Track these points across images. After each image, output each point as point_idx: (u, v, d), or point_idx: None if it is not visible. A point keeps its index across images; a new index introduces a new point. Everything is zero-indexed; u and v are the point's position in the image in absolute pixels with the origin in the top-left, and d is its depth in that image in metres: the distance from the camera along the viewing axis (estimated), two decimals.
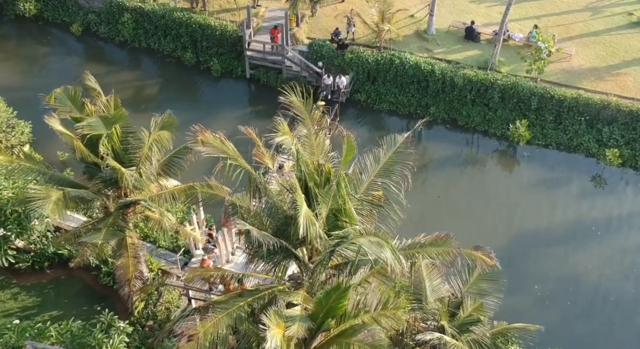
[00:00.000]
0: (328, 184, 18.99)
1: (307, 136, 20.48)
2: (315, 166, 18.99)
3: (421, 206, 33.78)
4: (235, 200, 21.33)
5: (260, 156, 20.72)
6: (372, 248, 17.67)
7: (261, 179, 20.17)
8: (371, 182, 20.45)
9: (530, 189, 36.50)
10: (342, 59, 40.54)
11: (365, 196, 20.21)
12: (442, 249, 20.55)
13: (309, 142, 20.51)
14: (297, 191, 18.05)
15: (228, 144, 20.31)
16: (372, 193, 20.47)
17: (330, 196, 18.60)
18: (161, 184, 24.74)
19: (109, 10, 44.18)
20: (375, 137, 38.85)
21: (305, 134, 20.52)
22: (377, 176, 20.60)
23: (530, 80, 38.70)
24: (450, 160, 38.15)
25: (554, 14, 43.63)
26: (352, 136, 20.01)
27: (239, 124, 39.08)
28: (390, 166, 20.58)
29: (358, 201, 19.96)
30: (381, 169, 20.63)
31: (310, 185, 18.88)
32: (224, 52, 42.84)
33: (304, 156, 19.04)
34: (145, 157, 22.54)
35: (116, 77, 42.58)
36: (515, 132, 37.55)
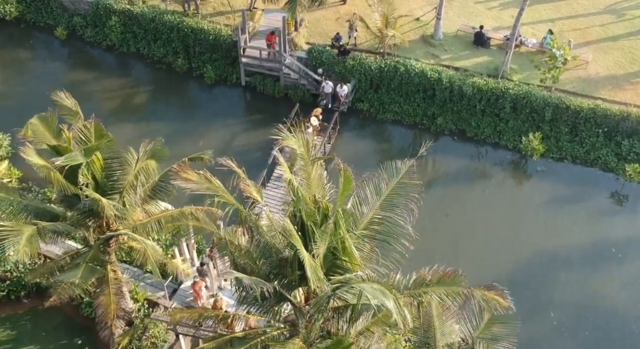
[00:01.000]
0: (326, 221, 17.76)
1: (303, 169, 19.17)
2: (312, 202, 17.75)
3: (429, 224, 32.63)
4: (225, 235, 20.13)
5: (247, 189, 19.44)
6: (375, 294, 16.53)
7: (251, 217, 18.89)
8: (373, 216, 19.19)
9: (544, 207, 35.29)
10: (344, 66, 39.36)
11: (367, 232, 18.98)
12: (450, 289, 19.30)
13: (306, 177, 19.24)
14: (293, 237, 16.74)
15: (214, 180, 18.97)
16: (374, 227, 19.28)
17: (327, 234, 17.38)
18: (147, 209, 23.55)
19: (96, 13, 43.00)
20: (378, 149, 38.46)
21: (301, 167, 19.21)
22: (380, 209, 19.36)
23: (544, 90, 37.48)
24: (459, 174, 36.96)
25: (570, 17, 42.30)
26: (349, 169, 18.69)
27: (234, 135, 38.95)
28: (394, 199, 19.35)
29: (358, 237, 18.76)
30: (384, 202, 19.36)
31: (307, 223, 17.66)
32: (218, 58, 41.67)
33: (302, 193, 17.77)
34: (130, 185, 21.29)
35: (103, 84, 41.52)
36: (528, 145, 36.34)
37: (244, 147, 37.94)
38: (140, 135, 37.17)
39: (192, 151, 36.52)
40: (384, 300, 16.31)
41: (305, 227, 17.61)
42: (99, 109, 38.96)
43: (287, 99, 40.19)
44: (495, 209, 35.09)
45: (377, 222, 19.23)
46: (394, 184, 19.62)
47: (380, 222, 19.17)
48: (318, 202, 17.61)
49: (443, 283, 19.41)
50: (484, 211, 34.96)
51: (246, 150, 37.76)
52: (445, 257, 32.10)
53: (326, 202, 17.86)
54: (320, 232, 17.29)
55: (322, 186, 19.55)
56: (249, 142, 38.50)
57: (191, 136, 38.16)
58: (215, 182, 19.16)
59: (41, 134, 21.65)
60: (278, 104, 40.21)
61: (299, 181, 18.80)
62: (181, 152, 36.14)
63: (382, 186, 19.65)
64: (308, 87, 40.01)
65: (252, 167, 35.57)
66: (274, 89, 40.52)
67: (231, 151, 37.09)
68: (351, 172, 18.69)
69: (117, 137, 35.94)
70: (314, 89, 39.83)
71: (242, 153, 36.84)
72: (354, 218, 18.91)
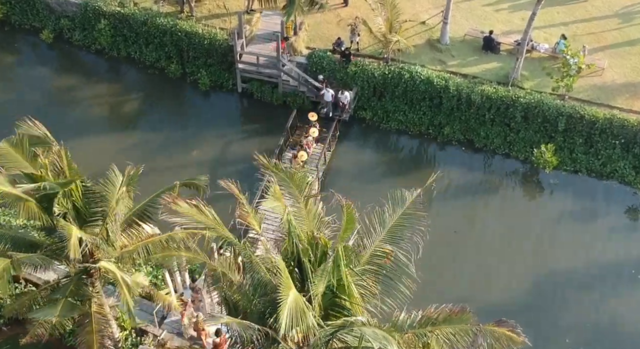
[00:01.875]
0: (325, 258, 16.80)
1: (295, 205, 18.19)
2: (309, 238, 16.78)
3: (436, 243, 31.56)
4: (219, 266, 19.20)
5: (245, 217, 18.49)
6: (377, 338, 15.66)
7: (246, 251, 17.89)
8: (375, 250, 18.27)
9: (558, 223, 34.40)
10: (345, 72, 38.39)
11: (369, 268, 18.05)
12: (458, 327, 18.32)
13: (299, 212, 18.27)
14: (283, 275, 15.77)
15: (206, 211, 18.00)
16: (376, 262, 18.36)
17: (327, 272, 16.42)
18: (135, 233, 22.57)
19: (84, 15, 42.05)
20: (382, 160, 37.51)
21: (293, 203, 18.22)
22: (383, 242, 18.43)
23: (557, 98, 36.49)
24: (467, 187, 36.05)
25: (584, 20, 41.29)
26: (352, 204, 17.72)
27: (229, 144, 38.01)
28: (398, 231, 18.39)
29: (359, 274, 17.84)
30: (388, 234, 18.44)
31: (303, 260, 16.70)
32: (213, 63, 40.76)
33: (296, 229, 16.79)
34: (113, 212, 20.33)
35: (91, 90, 40.65)
36: (540, 158, 35.36)
37: (241, 157, 36.94)
38: (131, 145, 36.97)
39: (185, 161, 36.45)
40: (387, 344, 15.49)
41: (302, 265, 16.64)
42: (87, 116, 38.61)
43: (285, 107, 39.30)
44: (505, 225, 34.19)
45: (380, 257, 18.25)
46: (398, 215, 18.53)
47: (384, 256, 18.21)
48: (316, 238, 16.60)
49: (450, 322, 18.44)
50: (493, 227, 34.12)
51: (243, 160, 36.55)
52: (454, 279, 31.60)
53: (325, 238, 16.85)
54: (319, 271, 16.31)
55: (319, 219, 18.50)
56: (245, 151, 37.05)
57: (184, 146, 37.42)
58: (208, 213, 18.17)
59: (13, 159, 20.57)
60: (276, 111, 39.33)
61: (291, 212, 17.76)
62: (174, 163, 36.09)
63: (386, 217, 18.58)
64: (308, 95, 39.12)
65: (249, 178, 34.79)
66: (272, 96, 39.62)
67: (227, 161, 36.76)
68: (354, 208, 17.59)
69: (106, 147, 36.30)
70: (314, 96, 38.92)
71: (238, 163, 36.37)
72: (355, 252, 17.92)
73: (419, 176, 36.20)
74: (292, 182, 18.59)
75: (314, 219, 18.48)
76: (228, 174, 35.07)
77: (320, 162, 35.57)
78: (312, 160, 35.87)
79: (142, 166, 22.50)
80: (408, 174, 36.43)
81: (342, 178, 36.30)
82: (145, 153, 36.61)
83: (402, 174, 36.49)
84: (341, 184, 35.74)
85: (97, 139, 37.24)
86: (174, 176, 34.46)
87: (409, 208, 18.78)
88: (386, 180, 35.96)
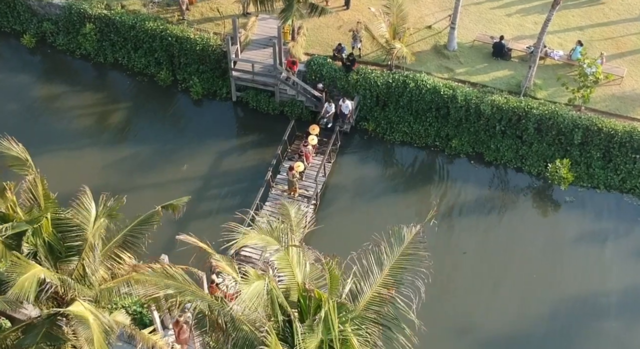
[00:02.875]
0: (319, 310, 15.62)
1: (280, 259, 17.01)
2: (300, 290, 15.59)
3: (445, 264, 31.19)
4: (204, 307, 17.98)
5: (220, 266, 17.32)
6: None
7: (225, 311, 16.62)
8: (373, 295, 17.14)
9: (575, 243, 33.19)
10: (347, 80, 37.19)
11: (366, 315, 16.91)
12: None
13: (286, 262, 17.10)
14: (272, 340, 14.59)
15: (177, 273, 16.78)
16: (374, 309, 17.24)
17: (319, 329, 15.24)
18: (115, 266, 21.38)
19: (68, 19, 40.93)
20: (385, 175, 36.31)
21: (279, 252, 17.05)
22: (382, 286, 17.31)
23: (573, 109, 35.27)
24: (476, 205, 34.88)
25: (601, 24, 40.00)
26: (334, 261, 16.57)
27: (223, 157, 36.85)
28: (398, 274, 17.35)
29: (357, 324, 16.70)
30: (386, 277, 17.33)
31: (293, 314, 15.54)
32: (206, 69, 39.65)
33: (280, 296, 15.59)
34: (89, 247, 19.21)
35: (76, 98, 39.59)
36: (555, 174, 34.14)
37: (234, 170, 36.32)
38: (117, 159, 36.06)
39: (175, 176, 35.45)
40: None
41: (292, 324, 15.49)
42: (71, 128, 37.67)
43: (283, 117, 38.30)
44: (518, 246, 33.04)
45: (378, 303, 17.11)
46: (397, 256, 17.43)
47: (382, 302, 17.06)
48: (309, 291, 15.41)
49: None
50: (505, 248, 32.96)
51: (237, 173, 36.15)
52: (465, 304, 30.46)
53: (318, 291, 15.65)
54: (308, 327, 15.13)
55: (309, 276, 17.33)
56: (240, 165, 36.75)
57: (175, 159, 36.44)
58: (178, 275, 16.93)
59: None
60: (273, 122, 38.33)
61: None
62: (163, 179, 35.16)
63: (384, 258, 17.49)
64: (307, 104, 37.91)
65: (243, 193, 34.16)
66: (268, 105, 38.49)
67: (220, 175, 35.84)
68: (336, 263, 16.49)
69: (91, 161, 35.30)
70: (313, 106, 37.77)
71: (231, 177, 35.71)
72: (351, 301, 16.77)
73: (424, 192, 35.31)
74: (272, 236, 17.29)
75: (304, 266, 17.21)
76: (221, 189, 34.97)
77: (319, 176, 34.34)
78: (311, 173, 34.79)
79: (124, 197, 21.08)
80: (413, 190, 35.50)
81: (342, 194, 35.22)
82: (132, 167, 35.74)
83: (406, 189, 35.51)
84: (341, 201, 34.87)
85: (81, 152, 36.32)
86: (163, 193, 33.95)
87: (408, 248, 17.50)
88: (389, 196, 35.03)
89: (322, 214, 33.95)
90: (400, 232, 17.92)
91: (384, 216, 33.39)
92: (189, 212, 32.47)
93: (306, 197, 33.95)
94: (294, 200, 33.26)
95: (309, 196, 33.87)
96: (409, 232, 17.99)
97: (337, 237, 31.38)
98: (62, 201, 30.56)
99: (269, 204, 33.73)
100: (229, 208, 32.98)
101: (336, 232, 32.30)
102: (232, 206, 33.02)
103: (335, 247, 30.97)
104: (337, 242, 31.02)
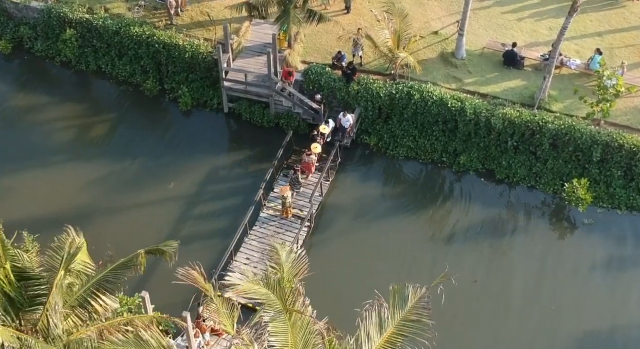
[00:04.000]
0: None
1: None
2: None
3: (454, 295, 28.87)
4: None
5: (216, 315, 15.89)
6: None
7: None
8: None
9: (594, 271, 31.69)
10: (347, 91, 35.67)
11: None
12: None
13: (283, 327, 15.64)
14: None
15: (151, 334, 15.27)
16: None
17: None
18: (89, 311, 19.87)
19: (47, 23, 39.49)
20: (389, 194, 34.78)
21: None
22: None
23: (592, 124, 33.83)
24: (486, 227, 33.38)
25: (621, 29, 38.54)
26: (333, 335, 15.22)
27: (213, 173, 35.30)
28: (398, 341, 15.80)
29: None
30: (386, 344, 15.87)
31: None
32: (196, 79, 38.21)
33: None
34: (51, 300, 17.72)
35: (55, 109, 38.13)
36: (572, 195, 32.63)
37: (225, 188, 34.98)
38: (98, 178, 34.93)
39: (160, 195, 34.22)
40: None
41: None
42: (49, 142, 36.46)
43: (279, 130, 36.94)
44: (532, 274, 31.62)
45: None
46: (398, 320, 16.00)
47: None
48: None
49: None
50: (519, 276, 31.52)
51: (228, 192, 34.81)
52: (475, 341, 28.94)
53: None
54: None
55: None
56: (231, 182, 35.50)
57: (161, 176, 35.05)
58: (154, 341, 15.40)
59: None
60: (268, 134, 36.99)
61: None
62: (147, 199, 33.73)
63: (385, 322, 16.09)
64: (304, 117, 36.43)
65: (234, 214, 33.06)
66: (263, 117, 37.04)
67: (209, 194, 34.69)
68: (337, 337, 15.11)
69: (69, 180, 34.13)
70: (311, 118, 36.26)
71: (222, 196, 34.53)
72: None
73: (430, 213, 34.03)
74: (275, 294, 15.78)
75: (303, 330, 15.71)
76: (209, 210, 33.57)
77: (315, 195, 32.98)
78: (307, 192, 33.54)
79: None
80: (418, 211, 34.12)
81: (341, 215, 33.81)
82: (114, 186, 34.40)
83: (410, 210, 34.13)
84: (339, 223, 33.57)
85: (59, 170, 34.95)
86: (147, 217, 32.91)
87: (410, 313, 16.05)
88: (392, 218, 33.57)
89: (317, 238, 32.69)
90: (403, 291, 16.31)
91: (385, 241, 32.24)
92: (174, 235, 31.59)
93: (300, 219, 32.53)
94: (287, 221, 32.67)
95: (303, 218, 32.40)
96: (413, 295, 16.40)
97: (333, 269, 30.48)
98: (35, 225, 29.68)
99: (257, 227, 32.55)
100: (218, 231, 32.26)
101: (332, 261, 31.22)
102: (221, 229, 32.28)
103: (332, 280, 29.88)
104: (333, 275, 30.15)
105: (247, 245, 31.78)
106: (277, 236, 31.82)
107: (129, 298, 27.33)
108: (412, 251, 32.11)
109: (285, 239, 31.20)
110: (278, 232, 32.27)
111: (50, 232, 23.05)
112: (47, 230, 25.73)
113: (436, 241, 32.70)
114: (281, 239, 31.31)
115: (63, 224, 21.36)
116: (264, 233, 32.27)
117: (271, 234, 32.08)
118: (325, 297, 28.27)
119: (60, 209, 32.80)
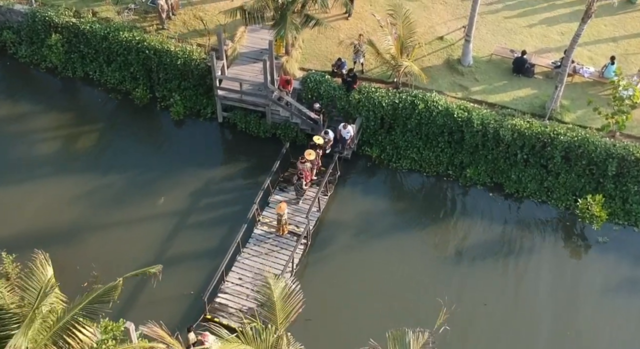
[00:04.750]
0: None
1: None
2: None
3: (462, 319, 28.10)
4: None
5: None
6: None
7: None
8: None
9: (609, 293, 30.45)
10: (347, 100, 34.51)
11: None
12: None
13: None
14: None
15: None
16: None
17: None
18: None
19: (32, 27, 38.55)
20: (391, 209, 33.64)
21: None
22: None
23: (606, 135, 32.72)
24: (495, 244, 32.20)
25: (637, 34, 37.47)
26: None
27: (205, 186, 34.13)
28: None
29: None
30: None
31: None
32: (189, 86, 37.18)
33: None
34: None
35: (40, 118, 37.08)
36: (585, 211, 31.44)
37: (218, 202, 33.88)
38: (83, 192, 34.02)
39: (149, 211, 33.32)
40: None
41: None
42: (32, 154, 35.40)
43: (275, 140, 35.89)
44: (543, 296, 30.42)
45: None
46: None
47: None
48: None
49: None
50: (530, 298, 30.33)
51: (221, 206, 33.70)
52: None
53: None
54: None
55: None
56: (225, 196, 34.26)
57: (150, 190, 33.90)
58: None
59: None
60: (264, 145, 35.95)
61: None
62: (134, 216, 33.01)
63: None
64: (302, 127, 35.36)
65: (226, 230, 32.00)
66: (258, 127, 35.99)
67: (201, 209, 33.61)
68: None
69: (53, 195, 33.41)
70: (309, 128, 35.12)
71: (215, 211, 33.49)
72: None
73: (434, 229, 32.93)
74: None
75: None
76: (201, 226, 32.46)
77: (312, 210, 32.01)
78: (303, 207, 32.56)
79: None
80: (421, 227, 32.90)
81: (340, 232, 32.66)
82: (101, 202, 33.25)
83: (414, 226, 32.94)
84: (338, 241, 32.48)
85: (42, 183, 33.78)
86: (133, 235, 31.92)
87: None
88: (394, 234, 32.42)
89: (313, 257, 31.60)
90: (403, 338, 15.05)
91: (387, 260, 31.10)
92: (162, 253, 31.02)
93: (296, 235, 31.43)
94: (282, 238, 31.67)
95: (299, 234, 31.24)
96: (414, 341, 15.17)
97: (328, 296, 29.58)
98: (15, 243, 28.70)
99: (250, 244, 31.48)
100: (209, 249, 31.27)
101: (328, 284, 30.20)
102: (212, 247, 31.31)
103: (328, 310, 28.73)
104: (328, 304, 29.25)
105: (240, 264, 30.69)
106: (272, 254, 30.97)
107: (113, 324, 26.09)
108: (415, 272, 30.89)
109: (279, 258, 30.55)
110: (272, 250, 31.18)
111: (32, 251, 21.91)
112: (28, 248, 24.38)
113: (441, 261, 31.53)
114: (275, 257, 30.70)
115: (46, 243, 20.40)
116: (258, 251, 31.17)
117: (265, 251, 31.09)
118: (318, 333, 27.49)
119: (43, 225, 31.78)
